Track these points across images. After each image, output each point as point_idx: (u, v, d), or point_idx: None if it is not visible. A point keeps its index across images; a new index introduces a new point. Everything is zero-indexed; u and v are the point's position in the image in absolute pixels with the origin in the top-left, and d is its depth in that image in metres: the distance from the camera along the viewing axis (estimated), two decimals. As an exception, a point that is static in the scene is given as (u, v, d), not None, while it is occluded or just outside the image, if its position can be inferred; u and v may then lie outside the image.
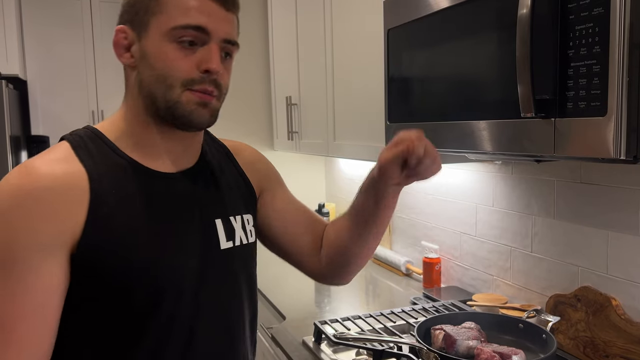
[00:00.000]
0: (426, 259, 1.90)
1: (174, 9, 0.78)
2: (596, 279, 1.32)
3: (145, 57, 0.80)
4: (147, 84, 0.81)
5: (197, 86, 0.79)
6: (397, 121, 1.37)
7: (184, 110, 0.80)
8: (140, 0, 0.81)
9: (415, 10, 1.25)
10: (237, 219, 0.93)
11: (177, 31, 0.78)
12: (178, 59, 0.78)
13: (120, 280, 0.77)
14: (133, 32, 0.81)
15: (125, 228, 0.78)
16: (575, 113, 0.84)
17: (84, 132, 0.84)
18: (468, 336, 1.19)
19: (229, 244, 0.90)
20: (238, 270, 0.92)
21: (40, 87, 3.30)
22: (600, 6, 0.79)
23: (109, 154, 0.82)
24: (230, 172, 0.98)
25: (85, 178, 0.77)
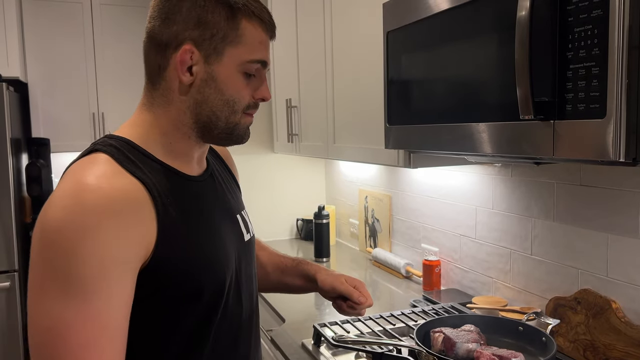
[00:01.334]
0: (426, 261, 1.90)
1: (250, 43, 0.84)
2: (596, 281, 1.32)
3: (214, 81, 0.83)
4: (210, 106, 0.84)
5: (251, 110, 0.88)
6: (396, 124, 1.37)
7: (240, 131, 0.88)
8: (213, 23, 0.82)
9: (414, 13, 1.25)
10: (244, 213, 1.03)
11: (252, 65, 0.85)
12: (244, 87, 0.86)
13: (192, 284, 0.81)
14: (200, 53, 0.82)
15: (188, 234, 0.81)
16: (575, 115, 0.84)
17: (114, 141, 0.81)
18: (467, 339, 1.19)
19: (248, 235, 0.99)
20: (254, 260, 1.03)
21: (41, 89, 3.31)
22: (599, 8, 0.79)
23: (150, 164, 0.82)
24: (226, 171, 1.05)
25: (144, 190, 0.77)
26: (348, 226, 2.70)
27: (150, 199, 0.77)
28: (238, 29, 0.82)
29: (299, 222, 2.86)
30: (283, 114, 2.52)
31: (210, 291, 0.83)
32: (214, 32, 0.82)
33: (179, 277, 0.79)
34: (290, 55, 2.38)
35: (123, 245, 0.71)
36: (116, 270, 0.71)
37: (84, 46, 3.40)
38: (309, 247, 2.63)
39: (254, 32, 0.84)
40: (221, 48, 0.82)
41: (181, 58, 0.81)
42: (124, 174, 0.76)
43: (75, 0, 3.36)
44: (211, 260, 0.84)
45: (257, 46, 0.84)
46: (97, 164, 0.76)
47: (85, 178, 0.73)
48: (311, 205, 2.86)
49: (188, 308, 0.81)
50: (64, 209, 0.70)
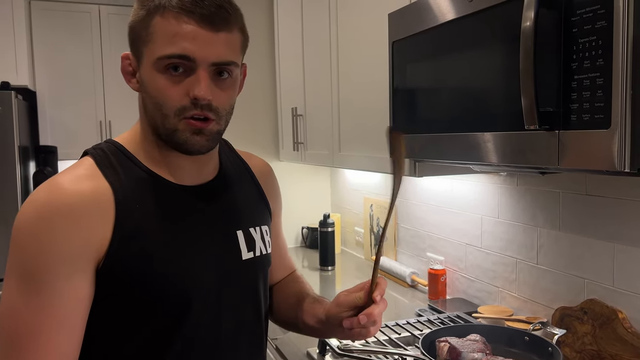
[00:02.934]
0: (431, 270, 1.90)
1: (160, 38, 0.78)
2: (602, 291, 1.31)
3: (144, 85, 0.82)
4: (149, 111, 0.82)
5: (189, 113, 0.79)
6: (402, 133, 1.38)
7: (180, 138, 0.81)
8: (135, 28, 0.81)
9: (420, 23, 1.26)
10: (256, 230, 0.95)
11: (163, 61, 0.78)
12: (168, 87, 0.79)
13: (146, 293, 0.79)
14: (135, 59, 0.83)
15: (150, 241, 0.80)
16: (579, 125, 0.84)
17: (106, 145, 0.86)
18: (473, 349, 1.18)
19: (250, 254, 0.92)
20: (258, 279, 0.94)
21: (49, 97, 3.34)
22: (603, 19, 0.79)
23: (131, 167, 0.83)
24: (249, 184, 1.00)
25: (110, 193, 0.79)
26: (353, 234, 2.70)
27: (114, 202, 0.78)
28: (149, 27, 0.79)
29: (304, 230, 2.86)
30: (289, 123, 2.53)
31: (168, 305, 0.81)
32: (133, 36, 0.81)
33: (131, 283, 0.78)
34: (296, 64, 2.40)
35: (68, 244, 0.74)
36: (63, 266, 0.74)
37: (92, 55, 3.43)
38: (314, 255, 2.63)
39: (166, 26, 0.77)
40: (141, 50, 0.80)
41: (121, 67, 0.84)
42: (95, 177, 0.80)
43: (84, 10, 3.40)
44: (172, 274, 0.81)
45: (169, 40, 0.77)
46: (77, 167, 0.81)
47: (58, 179, 0.78)
48: (316, 214, 2.86)
49: (143, 318, 0.80)
50: (28, 205, 0.76)
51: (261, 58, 2.72)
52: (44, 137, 3.34)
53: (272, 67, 2.75)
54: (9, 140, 2.80)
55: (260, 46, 2.71)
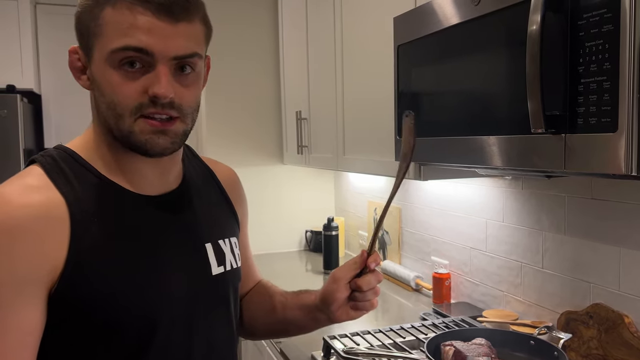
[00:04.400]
0: (436, 274, 1.89)
1: (112, 30, 0.70)
2: (608, 295, 1.31)
3: (95, 83, 0.74)
4: (101, 111, 0.75)
5: (147, 111, 0.72)
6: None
7: (138, 140, 0.73)
8: (83, 20, 0.73)
9: (425, 27, 1.26)
10: (226, 242, 0.89)
11: (116, 54, 0.70)
12: (122, 84, 0.71)
13: (107, 318, 0.72)
14: (84, 54, 0.75)
15: (110, 260, 0.72)
16: (586, 129, 0.84)
17: (55, 152, 0.77)
18: (478, 352, 1.18)
19: (220, 269, 0.85)
20: (229, 295, 0.88)
21: (54, 101, 3.36)
22: (610, 23, 0.79)
23: (86, 176, 0.75)
24: (215, 193, 0.93)
25: (64, 206, 0.70)
26: (357, 238, 2.70)
27: (69, 216, 0.70)
28: (98, 18, 0.71)
29: (308, 233, 2.86)
30: (293, 126, 2.54)
31: (132, 330, 0.74)
32: (81, 28, 0.74)
33: (91, 310, 0.70)
34: (301, 68, 2.40)
35: (18, 267, 0.66)
36: (7, 293, 0.65)
37: (97, 58, 3.44)
38: (318, 259, 2.63)
39: (118, 17, 0.70)
40: (91, 44, 0.72)
41: (69, 62, 0.76)
42: (46, 188, 0.70)
43: (89, 14, 3.41)
44: (136, 293, 0.73)
45: (123, 32, 0.69)
46: (25, 177, 0.72)
47: (2, 190, 0.69)
48: (320, 217, 2.86)
49: (104, 345, 0.73)
50: None
51: (266, 61, 2.73)
52: (48, 140, 3.35)
53: (276, 71, 2.75)
54: (14, 143, 2.81)
55: (265, 49, 2.72)
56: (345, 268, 0.90)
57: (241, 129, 2.72)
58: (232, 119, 2.69)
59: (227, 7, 2.60)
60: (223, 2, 2.58)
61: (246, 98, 2.72)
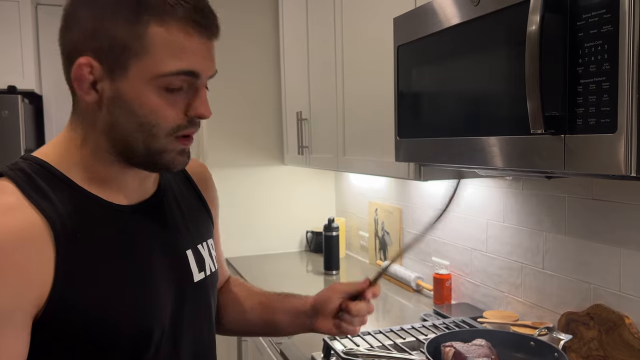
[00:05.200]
0: (436, 275, 1.89)
1: (162, 52, 0.67)
2: (609, 296, 1.30)
3: (122, 101, 0.69)
4: (122, 129, 0.70)
5: (182, 132, 0.71)
6: (406, 137, 1.38)
7: (167, 159, 0.72)
8: (112, 32, 0.67)
9: (425, 27, 1.26)
10: (204, 245, 0.87)
11: (167, 78, 0.68)
12: (164, 106, 0.69)
13: (99, 335, 0.69)
14: (101, 68, 0.68)
15: (98, 278, 0.69)
16: (585, 129, 0.84)
17: (26, 164, 0.70)
18: (478, 353, 1.18)
19: (201, 275, 0.84)
20: (210, 300, 0.88)
21: (55, 101, 3.36)
22: (609, 24, 0.79)
23: (64, 190, 0.70)
24: (191, 195, 0.91)
25: (44, 226, 0.65)
26: (358, 239, 2.70)
27: (52, 237, 0.65)
28: (144, 37, 0.66)
29: (309, 234, 2.86)
30: (293, 127, 2.54)
31: (128, 345, 0.71)
32: (112, 42, 0.66)
33: (82, 329, 0.67)
34: (301, 68, 2.40)
35: (2, 298, 0.61)
36: None
37: (98, 59, 3.45)
38: (319, 259, 2.63)
39: (168, 37, 0.67)
40: (124, 61, 0.67)
41: (75, 74, 0.68)
42: (22, 207, 0.65)
43: (90, 15, 3.42)
44: (128, 310, 0.71)
45: (175, 54, 0.67)
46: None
47: None
48: (321, 218, 2.86)
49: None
50: None
51: (266, 62, 2.73)
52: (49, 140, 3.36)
53: (277, 71, 2.76)
54: (15, 143, 2.82)
55: (266, 50, 2.72)
56: (345, 284, 0.93)
57: (242, 130, 2.72)
58: (233, 120, 2.69)
59: (227, 8, 2.60)
60: (223, 4, 2.58)
61: (247, 99, 2.72)
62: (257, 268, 2.51)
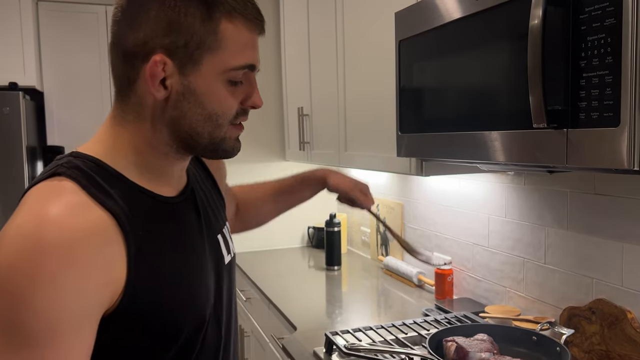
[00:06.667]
0: (438, 270, 1.89)
1: (233, 47, 0.72)
2: (611, 291, 1.30)
3: (192, 94, 0.72)
4: (190, 122, 0.73)
5: (240, 119, 0.78)
6: (408, 132, 1.38)
7: (228, 146, 0.78)
8: (191, 29, 0.69)
9: (426, 22, 1.26)
10: (225, 229, 0.92)
11: (237, 72, 0.73)
12: (228, 97, 0.74)
13: (169, 324, 0.73)
14: (173, 64, 0.70)
15: (163, 268, 0.73)
16: (588, 124, 0.84)
17: (81, 162, 0.70)
18: (480, 348, 1.18)
19: (229, 257, 0.90)
20: (234, 279, 0.94)
21: (57, 98, 3.36)
22: (612, 17, 0.79)
23: (121, 187, 0.71)
24: (209, 182, 0.96)
25: (113, 223, 0.67)
26: (359, 234, 2.70)
27: (121, 234, 0.67)
28: (217, 32, 0.70)
29: (310, 230, 2.86)
30: (295, 122, 2.53)
31: (189, 328, 0.76)
32: (187, 38, 0.69)
33: (152, 319, 0.71)
34: (302, 64, 2.40)
35: (82, 297, 0.62)
36: (71, 325, 0.62)
37: (99, 55, 3.45)
38: (320, 255, 2.63)
39: (236, 33, 0.72)
40: (198, 56, 0.70)
41: (151, 71, 0.70)
42: (91, 206, 0.65)
43: (91, 11, 3.42)
44: (189, 298, 0.76)
45: (241, 49, 0.72)
46: (60, 195, 0.65)
47: (45, 214, 0.62)
48: (322, 213, 2.86)
49: (163, 348, 0.74)
50: (16, 252, 0.60)
51: (267, 58, 2.73)
52: (51, 137, 3.36)
53: (278, 67, 2.75)
54: (16, 140, 2.82)
55: (267, 46, 2.72)
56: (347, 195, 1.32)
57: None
58: (234, 115, 2.68)
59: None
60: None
61: (248, 94, 2.71)
62: (258, 264, 2.51)
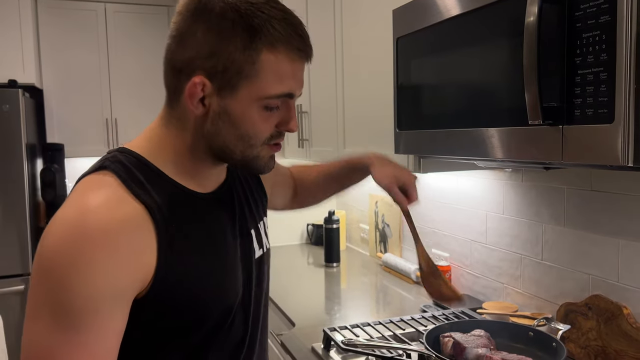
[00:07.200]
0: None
1: (270, 77, 0.75)
2: (607, 287, 1.31)
3: (228, 116, 0.76)
4: (224, 139, 0.78)
5: (276, 140, 0.82)
6: (406, 129, 1.38)
7: (259, 164, 0.82)
8: (227, 55, 0.73)
9: (424, 19, 1.26)
10: (261, 224, 0.97)
11: (270, 100, 0.76)
12: (263, 121, 0.78)
13: (194, 313, 0.78)
14: (212, 86, 0.75)
15: (192, 262, 0.77)
16: (583, 120, 0.84)
17: (125, 157, 0.78)
18: (477, 344, 1.19)
19: (260, 252, 0.94)
20: (265, 274, 0.97)
21: (56, 95, 3.36)
22: (607, 14, 0.79)
23: (160, 183, 0.78)
24: (251, 178, 1.01)
25: (147, 216, 0.73)
26: (358, 231, 2.70)
27: (153, 225, 0.73)
28: (255, 62, 0.73)
29: (309, 227, 2.87)
30: (294, 120, 2.54)
31: (214, 319, 0.81)
32: (227, 65, 0.73)
33: (179, 306, 0.76)
34: (301, 61, 2.40)
35: (117, 279, 0.69)
36: (107, 303, 0.69)
37: (98, 53, 3.45)
38: (319, 252, 2.63)
39: (276, 64, 0.75)
40: (235, 82, 0.74)
41: (190, 91, 0.75)
42: (127, 199, 0.73)
43: (90, 8, 3.41)
44: (217, 288, 0.81)
45: (280, 79, 0.75)
46: (102, 187, 0.73)
47: (87, 205, 0.70)
48: (321, 210, 2.86)
49: (187, 335, 0.79)
50: (61, 237, 0.68)
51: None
52: (50, 134, 3.36)
53: (277, 64, 2.75)
54: (16, 137, 2.82)
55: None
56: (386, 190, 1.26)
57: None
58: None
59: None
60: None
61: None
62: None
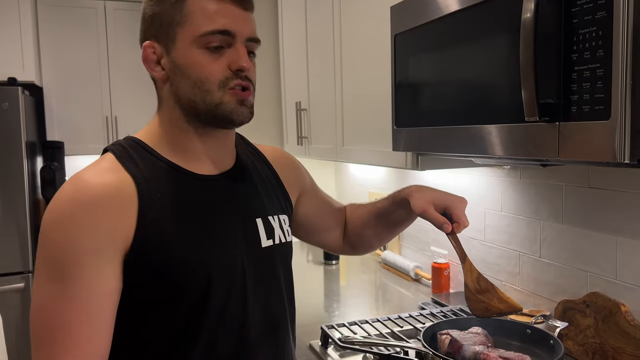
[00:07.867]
0: (435, 264, 1.90)
1: (198, 17, 0.82)
2: (605, 284, 1.31)
3: (178, 68, 0.84)
4: (184, 93, 0.85)
5: (232, 83, 0.84)
6: (404, 126, 1.38)
7: (225, 110, 0.84)
8: (162, 13, 0.84)
9: (421, 16, 1.26)
10: (274, 218, 0.98)
11: (205, 38, 0.82)
12: (209, 63, 0.83)
13: (172, 279, 0.81)
14: (160, 46, 0.85)
15: (174, 229, 0.82)
16: (580, 117, 0.84)
17: (124, 141, 0.88)
18: (474, 341, 1.19)
19: (269, 242, 0.95)
20: (278, 267, 0.97)
21: (56, 93, 3.36)
22: (603, 10, 0.79)
23: (151, 160, 0.86)
24: (266, 174, 1.03)
25: (132, 184, 0.81)
26: (358, 229, 2.70)
27: (137, 191, 0.81)
28: (182, 9, 0.83)
29: (309, 224, 2.86)
30: (293, 117, 2.53)
31: (196, 291, 0.83)
32: (163, 21, 0.84)
33: (157, 272, 0.80)
34: (300, 59, 2.40)
35: (95, 236, 0.76)
36: (89, 258, 0.76)
37: (98, 51, 3.44)
38: (319, 249, 2.63)
39: (201, 4, 0.83)
40: (173, 33, 0.83)
41: (144, 56, 0.86)
42: (116, 169, 0.82)
43: (89, 6, 3.41)
44: (195, 261, 0.83)
45: (209, 17, 0.82)
46: (99, 162, 0.84)
47: (81, 175, 0.81)
48: (321, 208, 2.86)
49: (171, 305, 0.82)
50: (55, 202, 0.78)
51: (265, 52, 2.73)
52: (50, 132, 3.36)
53: (276, 62, 2.75)
54: (16, 135, 2.82)
55: (265, 41, 2.71)
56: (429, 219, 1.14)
57: (241, 120, 2.71)
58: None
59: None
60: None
61: (246, 89, 2.71)
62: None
